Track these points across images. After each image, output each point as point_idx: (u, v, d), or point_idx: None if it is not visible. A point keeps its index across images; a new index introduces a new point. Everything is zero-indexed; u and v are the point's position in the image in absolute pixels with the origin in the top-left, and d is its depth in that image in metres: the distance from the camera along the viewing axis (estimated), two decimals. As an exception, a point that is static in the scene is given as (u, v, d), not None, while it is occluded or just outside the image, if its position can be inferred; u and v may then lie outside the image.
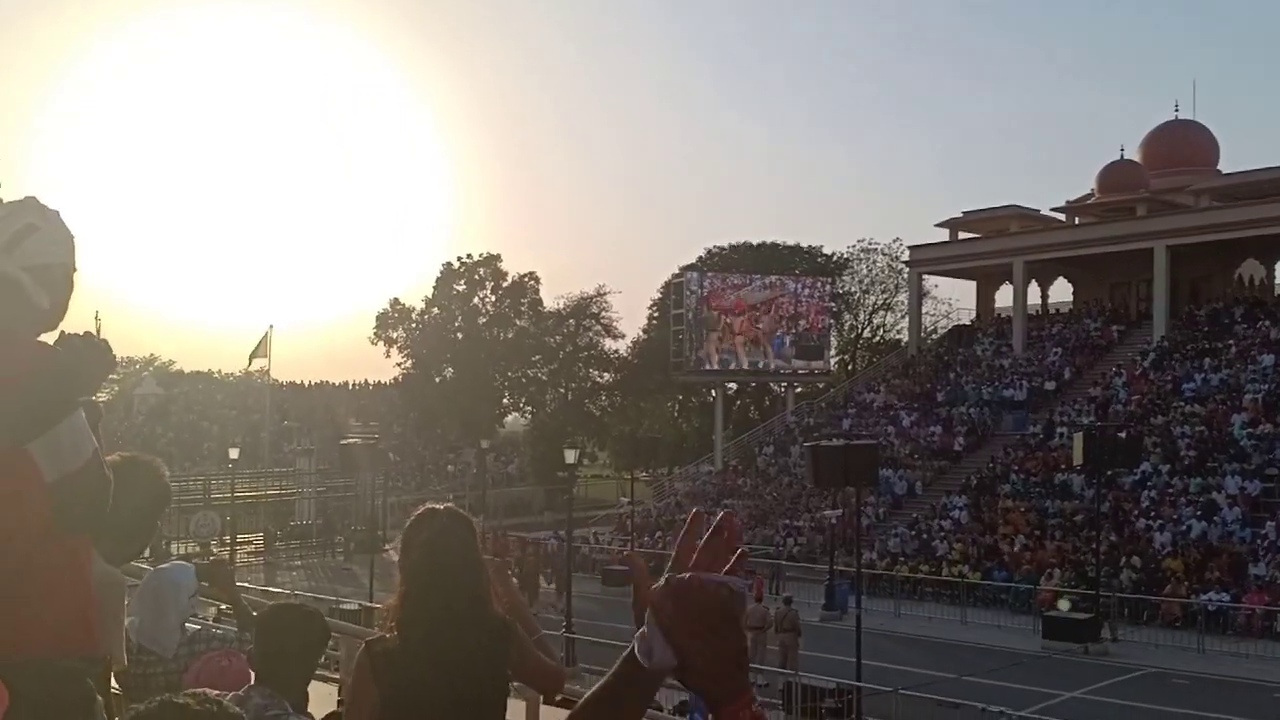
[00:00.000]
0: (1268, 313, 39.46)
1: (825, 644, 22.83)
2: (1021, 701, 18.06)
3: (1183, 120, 47.78)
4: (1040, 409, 38.93)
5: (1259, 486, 29.57)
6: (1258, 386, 34.20)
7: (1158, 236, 40.67)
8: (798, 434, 43.32)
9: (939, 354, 47.77)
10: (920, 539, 32.64)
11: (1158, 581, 26.68)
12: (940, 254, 48.81)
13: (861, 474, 19.80)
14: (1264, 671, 21.21)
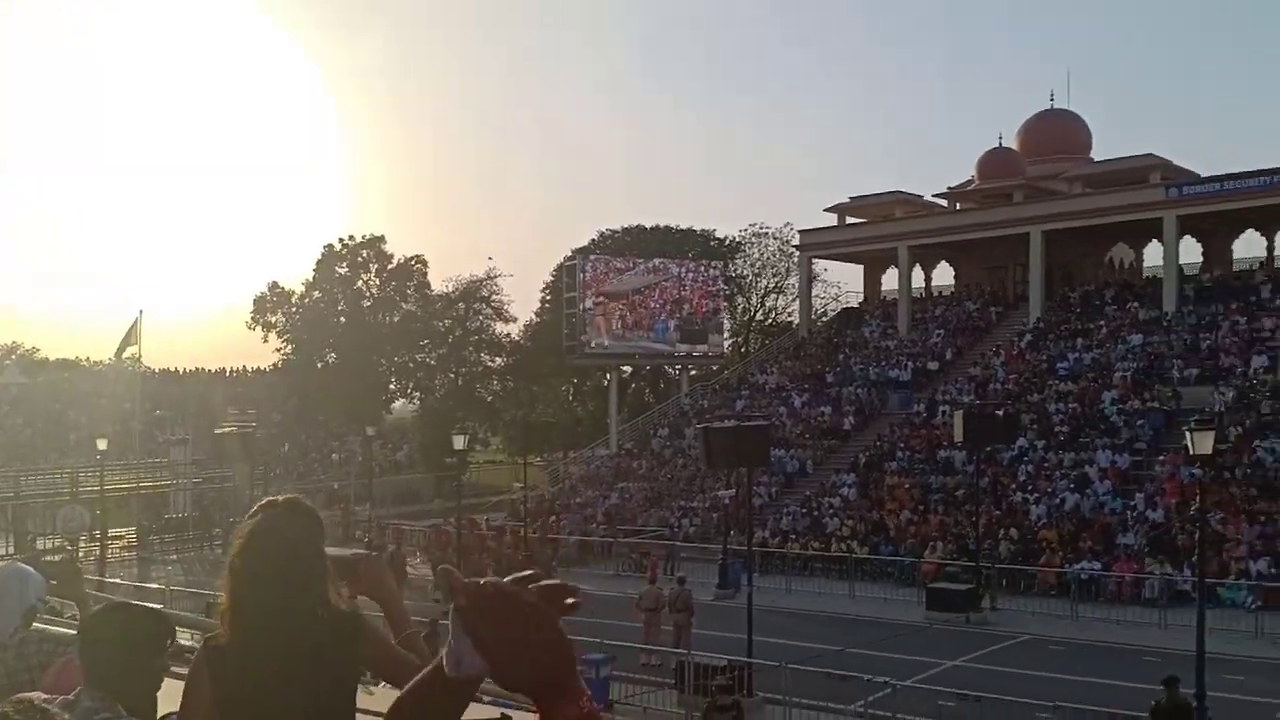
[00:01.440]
0: (1136, 295, 41.66)
1: (719, 622, 23.17)
2: (906, 671, 18.62)
3: (1057, 109, 49.86)
4: (924, 388, 40.32)
5: (1128, 460, 31.28)
6: (1127, 365, 36.12)
7: (1033, 222, 42.45)
8: (692, 416, 43.86)
9: (829, 336, 48.96)
10: (811, 516, 33.48)
11: (1034, 552, 28.00)
12: (829, 238, 49.95)
13: (753, 454, 20.22)
14: (1134, 636, 22.45)
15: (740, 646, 18.67)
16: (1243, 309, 36.93)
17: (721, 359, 53.31)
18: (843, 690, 16.56)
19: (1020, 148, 48.34)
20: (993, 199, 46.03)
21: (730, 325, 60.78)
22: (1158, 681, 14.95)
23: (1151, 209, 39.73)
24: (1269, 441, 29.29)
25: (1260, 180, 37.55)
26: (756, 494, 35.35)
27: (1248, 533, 25.95)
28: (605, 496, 40.02)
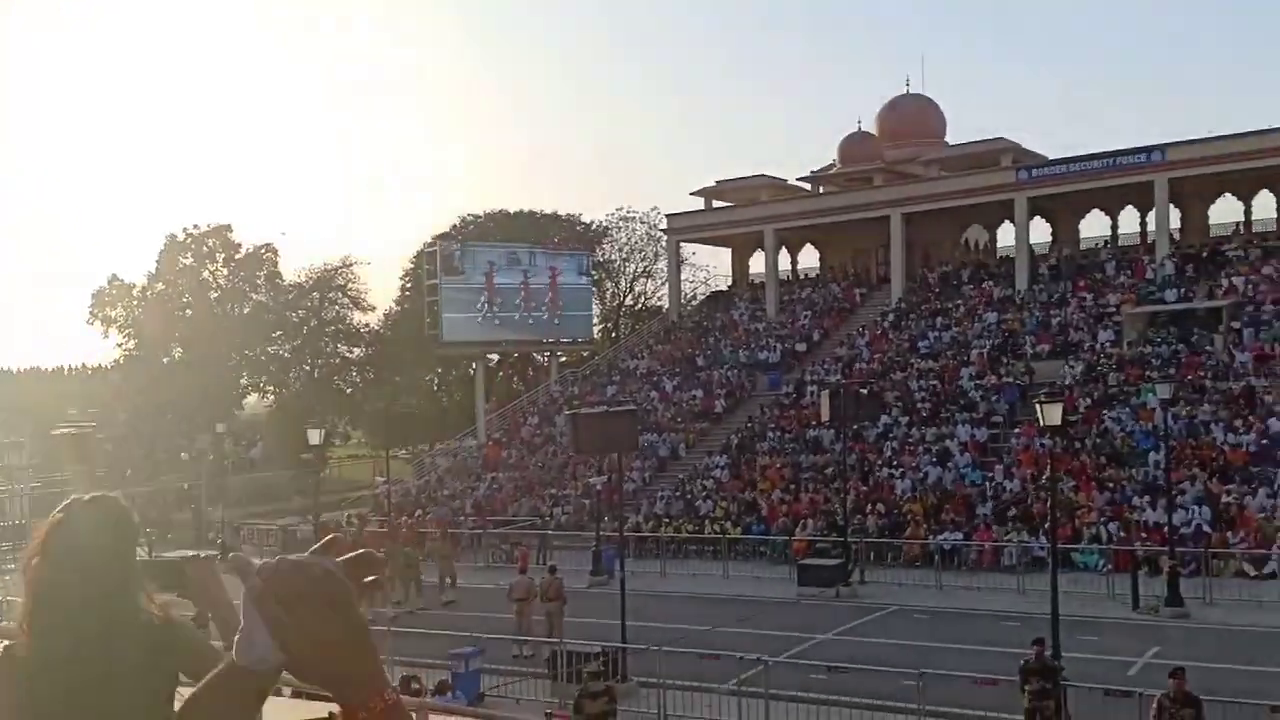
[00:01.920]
0: (990, 274, 43.39)
1: (593, 609, 23.04)
2: (779, 647, 18.88)
3: (913, 94, 51.47)
4: (793, 369, 41.09)
5: (986, 433, 32.55)
6: (983, 342, 37.58)
7: (893, 205, 43.72)
8: (562, 403, 43.58)
9: (698, 319, 49.39)
10: (684, 499, 33.68)
11: (900, 525, 28.84)
12: (696, 222, 50.32)
13: (622, 439, 20.13)
14: (994, 601, 23.35)
15: (615, 633, 18.58)
16: (1090, 286, 38.86)
17: (591, 345, 53.16)
18: (716, 670, 16.67)
19: (879, 132, 49.70)
20: (854, 182, 47.20)
21: (599, 310, 60.75)
22: (1019, 644, 15.54)
23: (1003, 191, 41.42)
24: (1116, 412, 30.89)
25: (1103, 162, 39.54)
26: (628, 479, 35.37)
27: (1098, 499, 27.29)
28: (474, 488, 39.43)
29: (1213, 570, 23.44)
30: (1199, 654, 17.26)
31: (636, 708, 16.50)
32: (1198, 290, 35.81)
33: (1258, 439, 27.78)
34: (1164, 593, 21.70)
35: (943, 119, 51.10)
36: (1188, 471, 26.95)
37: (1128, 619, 21.40)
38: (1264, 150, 36.77)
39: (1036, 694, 13.68)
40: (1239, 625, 20.52)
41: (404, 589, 25.62)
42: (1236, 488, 26.21)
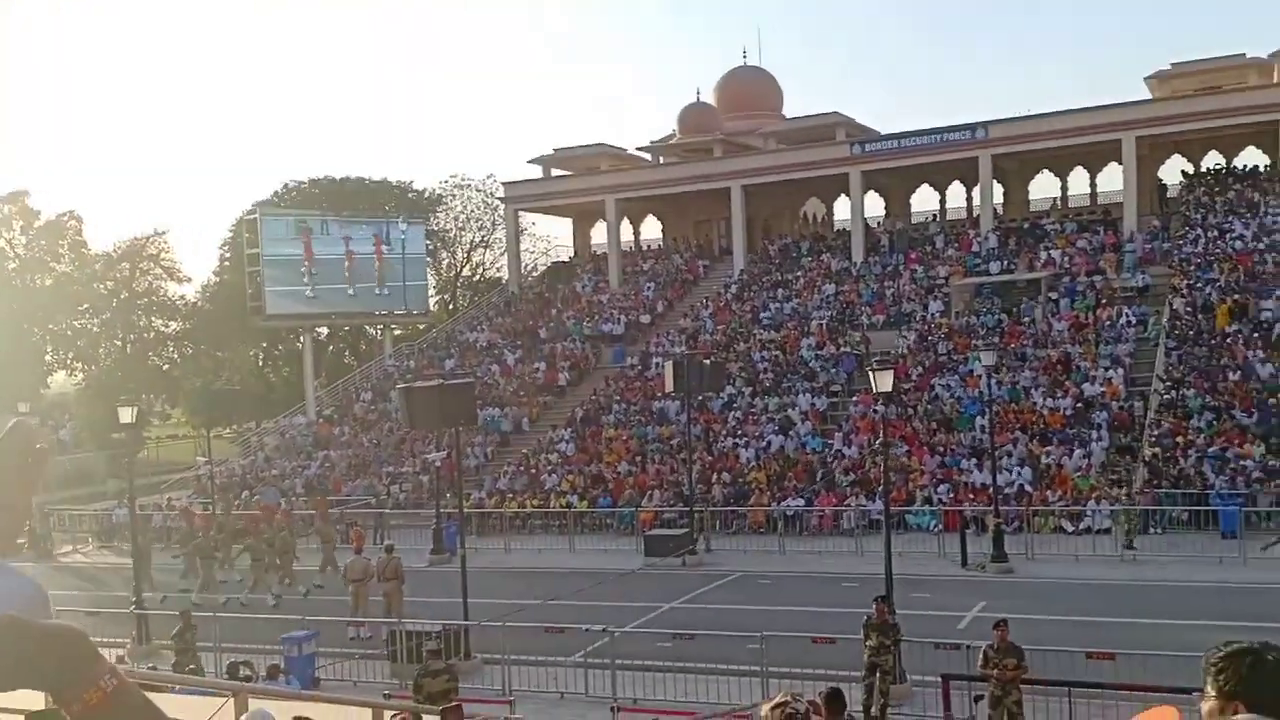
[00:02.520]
0: (828, 246, 44.78)
1: (435, 588, 22.85)
2: (626, 618, 19.09)
3: (751, 66, 52.36)
4: (637, 341, 41.42)
5: (826, 402, 33.67)
6: (822, 313, 38.78)
7: (733, 177, 44.45)
8: (397, 378, 42.58)
9: (540, 291, 49.10)
10: (529, 474, 33.56)
11: (744, 494, 29.57)
12: (535, 191, 49.88)
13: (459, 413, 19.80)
14: (834, 564, 24.23)
15: (457, 611, 18.39)
16: (920, 258, 40.61)
17: (427, 317, 52.16)
18: (563, 643, 16.72)
19: (718, 104, 50.35)
20: (694, 153, 47.72)
21: (435, 282, 59.65)
22: (858, 604, 16.16)
23: (838, 165, 42.72)
24: (945, 379, 32.45)
25: (931, 139, 41.26)
26: (470, 455, 34.99)
27: (929, 463, 28.65)
28: (304, 467, 38.19)
29: (1034, 527, 25.01)
30: (1021, 606, 18.38)
31: (481, 684, 16.37)
32: (1019, 262, 37.91)
33: (1073, 403, 29.70)
34: (990, 550, 23.01)
35: (779, 92, 52.23)
36: (1010, 435, 28.60)
37: (957, 576, 22.61)
38: (1076, 129, 39.16)
39: (876, 649, 14.29)
40: (1057, 578, 21.96)
41: (280, 576, 24.75)
42: (1055, 449, 27.97)
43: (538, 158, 49.36)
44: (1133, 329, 32.60)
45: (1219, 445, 26.21)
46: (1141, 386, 30.27)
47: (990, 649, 13.04)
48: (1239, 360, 29.22)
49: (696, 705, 14.75)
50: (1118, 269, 35.91)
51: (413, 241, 48.16)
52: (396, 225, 47.97)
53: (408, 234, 47.89)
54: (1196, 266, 34.17)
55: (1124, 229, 38.16)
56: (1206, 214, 37.45)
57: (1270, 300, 31.26)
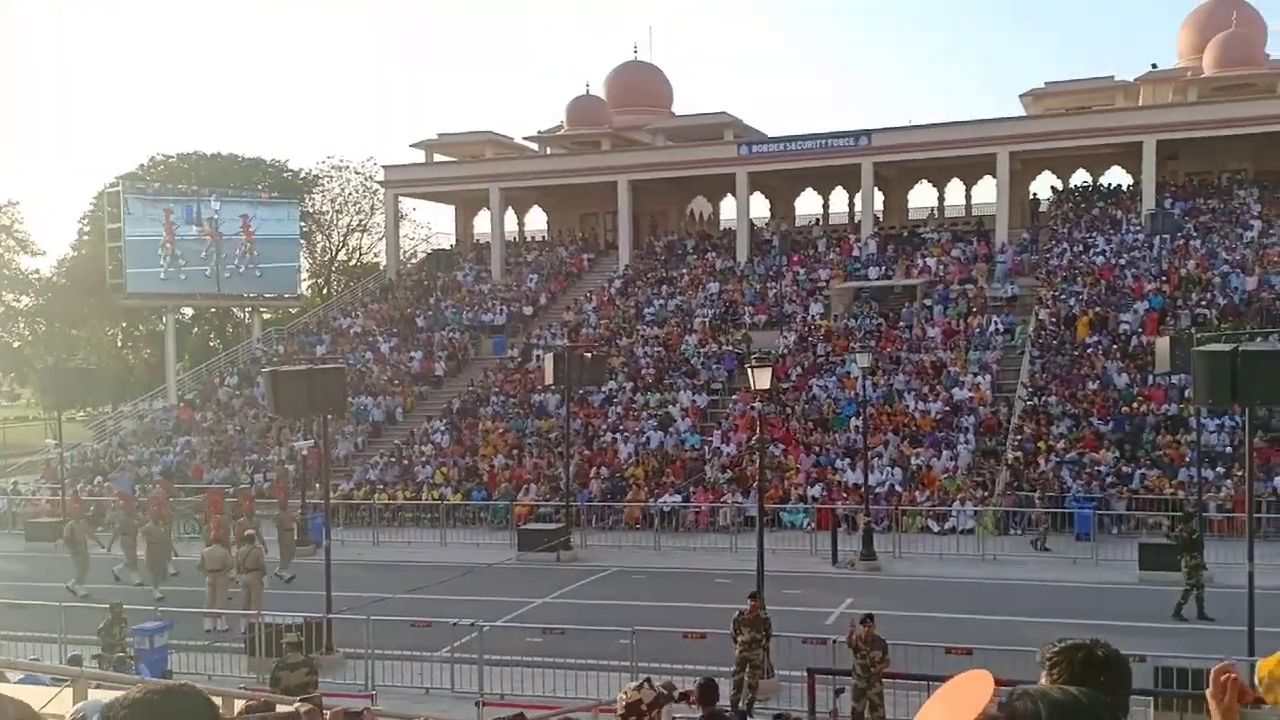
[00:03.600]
0: (713, 245, 45.36)
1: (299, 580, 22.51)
2: (497, 613, 18.96)
3: (641, 62, 52.49)
4: (518, 332, 41.20)
5: (706, 399, 34.12)
6: (706, 311, 39.27)
7: (621, 171, 44.62)
8: (265, 363, 41.36)
9: (419, 278, 48.38)
10: (401, 465, 33.06)
11: (622, 489, 29.73)
12: (417, 176, 49.10)
13: (329, 401, 19.34)
14: (709, 561, 24.58)
15: (321, 603, 17.98)
16: (803, 261, 41.49)
17: (299, 301, 50.85)
18: (430, 637, 16.50)
19: (607, 97, 50.34)
20: (582, 146, 47.71)
21: (309, 265, 58.20)
22: (731, 600, 16.42)
23: (725, 165, 43.28)
24: (823, 380, 33.23)
25: (817, 143, 42.18)
26: (340, 443, 34.30)
27: (805, 462, 29.31)
28: (163, 453, 36.80)
29: (902, 526, 25.85)
30: (888, 603, 18.96)
31: (343, 679, 16.06)
32: (897, 269, 39.10)
33: (943, 406, 30.79)
34: (860, 548, 23.68)
35: (669, 88, 52.51)
36: (883, 436, 29.48)
37: (827, 573, 23.19)
38: (954, 142, 40.62)
39: (748, 644, 14.55)
40: (923, 576, 22.75)
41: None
42: (924, 451, 28.95)
43: (420, 142, 48.59)
44: (1001, 337, 33.97)
45: (1077, 451, 27.54)
46: (1007, 393, 31.56)
47: (859, 641, 13.44)
48: (1098, 370, 30.75)
49: (564, 700, 14.75)
50: (989, 279, 37.37)
51: (286, 222, 46.85)
52: (269, 205, 46.60)
53: (280, 214, 46.57)
54: (1062, 279, 35.80)
55: (996, 240, 39.72)
56: (1072, 229, 39.28)
57: (1128, 313, 32.97)
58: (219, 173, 53.08)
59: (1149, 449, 27.40)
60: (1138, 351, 30.87)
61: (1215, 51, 40.23)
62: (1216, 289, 33.19)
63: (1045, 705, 1.92)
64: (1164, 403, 28.83)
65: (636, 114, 48.94)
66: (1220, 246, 35.64)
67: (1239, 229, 36.58)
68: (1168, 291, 33.53)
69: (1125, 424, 28.39)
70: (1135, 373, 30.26)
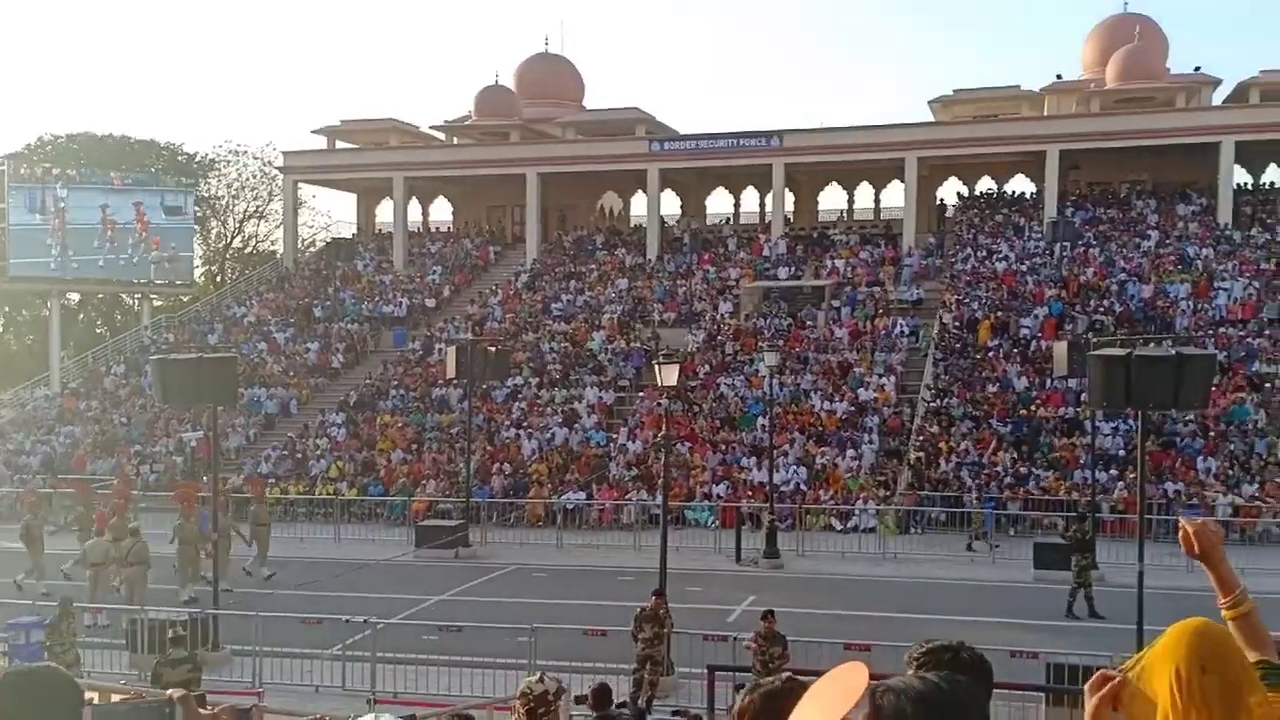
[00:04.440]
0: (623, 241, 45.40)
1: (182, 575, 21.82)
2: (392, 610, 18.74)
3: (552, 54, 52.26)
4: (420, 325, 40.66)
5: (613, 396, 34.13)
6: (614, 307, 39.28)
7: (530, 164, 44.35)
8: (154, 352, 40.09)
9: (317, 268, 47.44)
10: (295, 459, 32.36)
11: (525, 486, 29.55)
12: (317, 163, 48.11)
13: (219, 391, 18.84)
14: (612, 558, 24.59)
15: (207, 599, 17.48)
16: (713, 259, 41.81)
17: (191, 289, 49.44)
18: (321, 635, 16.19)
19: (517, 89, 49.97)
20: (490, 137, 47.32)
21: (202, 252, 56.61)
22: (633, 598, 16.44)
23: (636, 160, 43.34)
24: (731, 379, 33.52)
25: (729, 142, 42.52)
26: (231, 435, 33.45)
27: (711, 459, 29.53)
28: (44, 442, 35.40)
29: (806, 525, 26.23)
30: (790, 600, 19.22)
31: (229, 677, 15.64)
32: (806, 269, 39.66)
33: (849, 406, 31.32)
34: (763, 546, 23.94)
35: (581, 82, 52.44)
36: (789, 435, 29.86)
37: (731, 570, 23.40)
38: (864, 145, 41.42)
39: (650, 640, 14.57)
40: (825, 574, 23.10)
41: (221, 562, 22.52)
42: (829, 451, 29.41)
43: (322, 128, 47.65)
44: (906, 339, 34.71)
45: (976, 452, 28.29)
46: (911, 394, 32.26)
47: (759, 637, 13.56)
48: (998, 373, 31.63)
49: (459, 699, 14.56)
50: (895, 282, 38.15)
51: (179, 207, 45.44)
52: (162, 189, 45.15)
53: (174, 199, 45.15)
54: (965, 284, 36.74)
55: (903, 244, 40.57)
56: (977, 235, 40.34)
57: (1029, 319, 33.99)
58: (111, 155, 51.39)
59: (1046, 451, 28.27)
60: (1037, 356, 31.84)
61: (1118, 65, 41.75)
62: (1114, 296, 34.42)
63: (910, 698, 1.95)
64: (1061, 406, 29.79)
65: (546, 107, 48.71)
66: (1118, 255, 36.99)
67: (1136, 238, 38.01)
68: (1067, 298, 34.65)
69: (1024, 426, 29.26)
70: (1034, 376, 31.20)
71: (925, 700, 1.94)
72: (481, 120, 47.46)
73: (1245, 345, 31.45)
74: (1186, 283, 34.47)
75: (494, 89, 48.49)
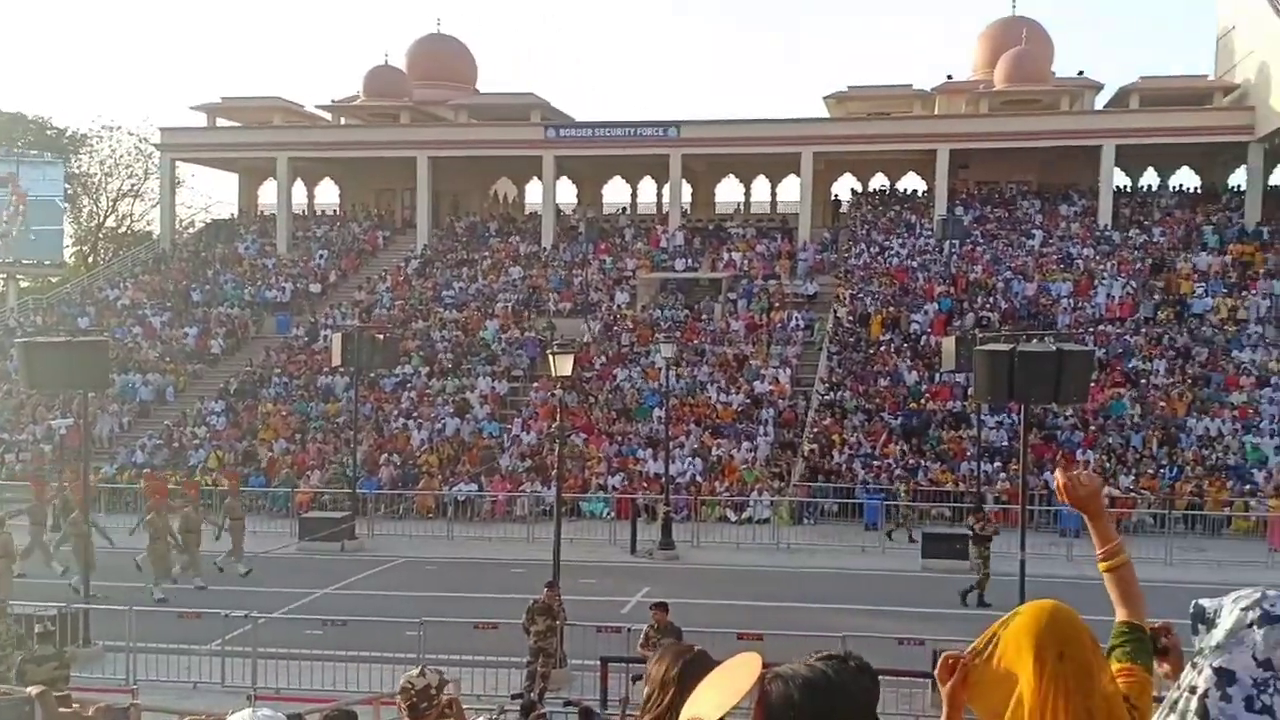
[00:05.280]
0: (518, 229, 45.10)
1: (47, 567, 21.01)
2: (274, 604, 18.37)
3: (445, 35, 51.47)
4: (304, 311, 39.74)
5: (506, 386, 33.91)
6: (508, 296, 39.00)
7: (420, 146, 43.65)
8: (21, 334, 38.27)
9: (196, 250, 45.97)
10: (172, 448, 31.37)
11: (414, 477, 29.16)
12: (197, 140, 46.60)
13: (90, 376, 18.15)
14: (504, 550, 24.45)
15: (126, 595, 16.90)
16: (610, 249, 41.85)
17: (61, 269, 47.38)
18: (199, 630, 15.77)
19: (408, 70, 49.09)
20: (379, 118, 46.45)
21: (73, 231, 54.32)
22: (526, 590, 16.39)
23: (532, 147, 43.06)
24: (628, 370, 33.63)
25: (626, 131, 42.56)
26: (102, 423, 32.28)
27: (607, 451, 29.59)
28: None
29: (701, 516, 26.50)
30: (684, 591, 19.39)
31: (101, 673, 15.08)
32: (703, 261, 40.02)
33: (744, 398, 31.74)
34: (659, 537, 24.11)
35: (474, 65, 51.74)
36: (685, 427, 30.11)
37: (625, 562, 23.51)
38: (761, 139, 41.94)
39: (543, 633, 14.53)
40: (720, 564, 23.38)
41: (190, 557, 21.31)
42: (725, 442, 29.76)
43: (203, 105, 46.18)
44: (801, 333, 35.32)
45: (868, 444, 28.98)
46: (805, 387, 32.85)
47: (651, 629, 13.62)
48: (889, 367, 32.43)
49: (344, 694, 14.29)
50: (791, 275, 38.78)
51: (47, 184, 43.49)
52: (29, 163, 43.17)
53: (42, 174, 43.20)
54: (859, 279, 37.56)
55: (799, 238, 41.25)
56: (870, 230, 41.26)
57: (919, 314, 34.93)
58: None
59: (934, 443, 29.12)
60: (926, 350, 32.75)
61: (1005, 67, 43.15)
62: (999, 294, 35.61)
63: (796, 685, 2.05)
64: (949, 399, 30.70)
65: (439, 89, 48.01)
66: (1004, 254, 38.26)
67: (1022, 237, 39.37)
68: (956, 294, 35.71)
69: (913, 419, 30.07)
70: (924, 371, 32.08)
71: (811, 686, 2.04)
72: (370, 100, 46.54)
73: (1123, 343, 32.87)
74: (1068, 281, 35.86)
75: (383, 69, 47.57)
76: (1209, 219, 39.28)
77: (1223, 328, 33.25)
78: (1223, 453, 28.02)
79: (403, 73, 48.19)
